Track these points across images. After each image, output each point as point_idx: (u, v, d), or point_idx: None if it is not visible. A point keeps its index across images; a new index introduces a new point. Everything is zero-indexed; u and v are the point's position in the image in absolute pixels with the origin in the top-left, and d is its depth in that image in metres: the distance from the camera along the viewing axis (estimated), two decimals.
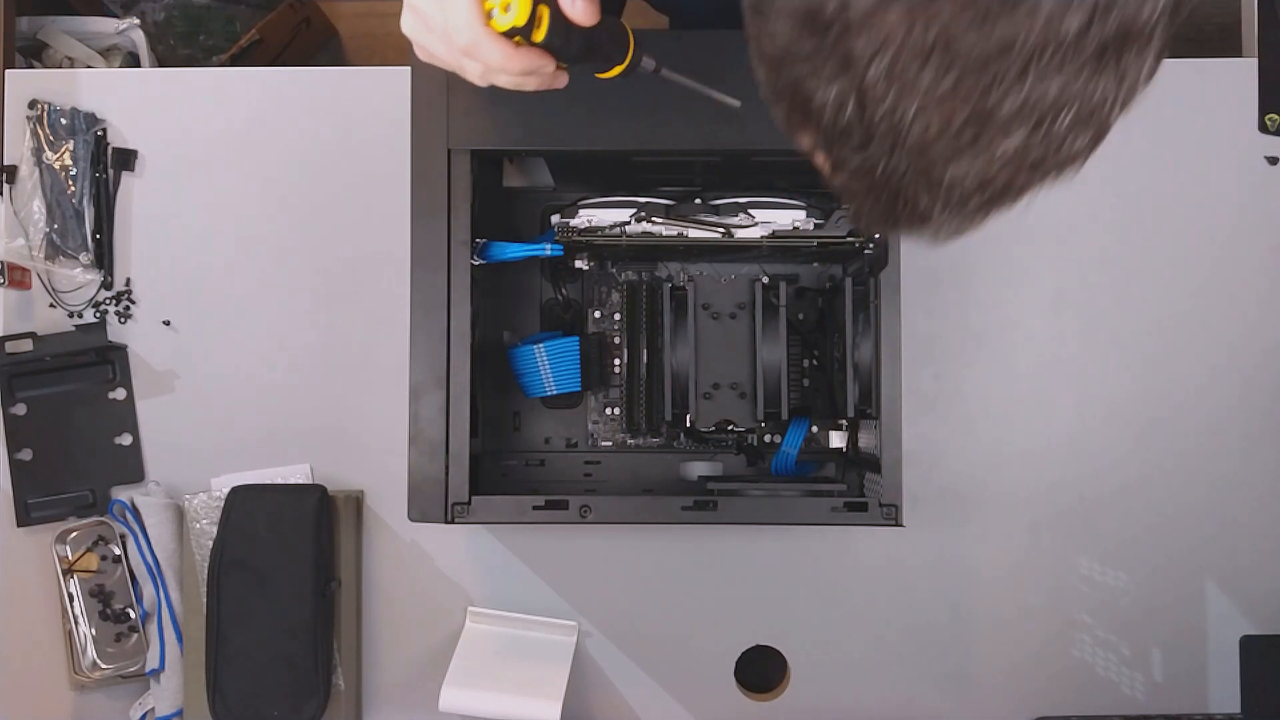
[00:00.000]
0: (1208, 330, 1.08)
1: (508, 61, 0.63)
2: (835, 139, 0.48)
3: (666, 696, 1.07)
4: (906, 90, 0.44)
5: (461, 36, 0.61)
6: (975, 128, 0.44)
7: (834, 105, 0.46)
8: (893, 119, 0.45)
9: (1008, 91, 0.43)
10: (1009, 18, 0.41)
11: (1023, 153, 0.45)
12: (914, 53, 0.43)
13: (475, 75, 0.65)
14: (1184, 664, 1.07)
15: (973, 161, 0.46)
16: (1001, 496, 1.07)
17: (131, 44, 1.55)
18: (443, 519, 0.88)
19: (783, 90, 0.49)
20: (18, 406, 1.06)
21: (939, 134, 0.45)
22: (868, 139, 0.46)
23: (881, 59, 0.43)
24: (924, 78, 0.43)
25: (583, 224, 0.90)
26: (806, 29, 0.45)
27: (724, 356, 1.01)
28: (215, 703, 1.00)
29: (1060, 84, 0.43)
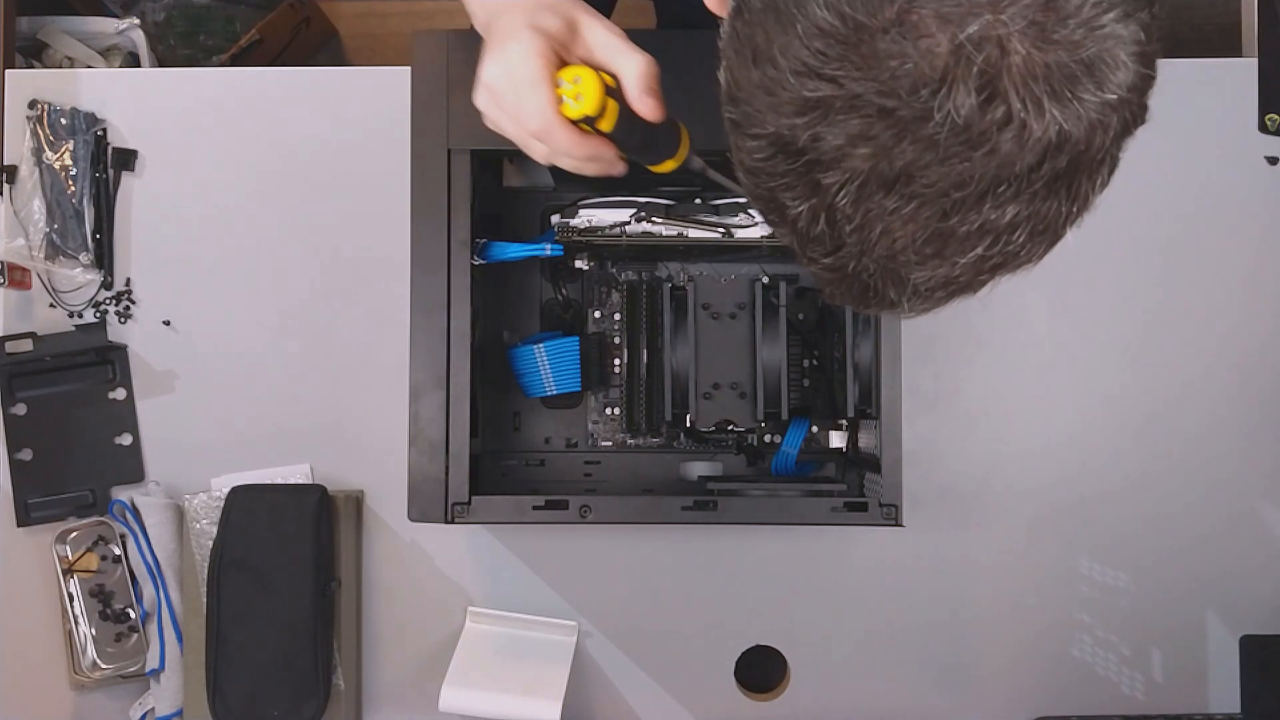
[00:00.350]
0: (1208, 330, 1.08)
1: (575, 148, 0.65)
2: (808, 242, 0.51)
3: (666, 696, 1.07)
4: (872, 214, 0.47)
5: (534, 122, 0.64)
6: (936, 244, 0.47)
7: (806, 218, 0.49)
8: (860, 235, 0.48)
9: (965, 216, 0.46)
10: (966, 158, 0.44)
11: (981, 261, 0.48)
12: (879, 183, 0.46)
13: (540, 155, 0.68)
14: (1184, 664, 1.07)
15: (935, 269, 0.49)
16: (1001, 496, 1.07)
17: (131, 44, 1.55)
18: (443, 519, 0.88)
19: (760, 196, 0.52)
20: (18, 406, 1.06)
21: (904, 249, 0.48)
22: (837, 247, 0.49)
23: (849, 188, 0.46)
24: (888, 204, 0.46)
25: (583, 224, 0.90)
26: (780, 154, 0.48)
27: (724, 356, 1.01)
28: (215, 703, 1.00)
29: (1015, 210, 0.46)
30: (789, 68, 0.45)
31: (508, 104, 0.65)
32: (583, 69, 0.64)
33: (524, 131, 0.66)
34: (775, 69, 0.46)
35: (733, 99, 0.50)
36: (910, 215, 0.46)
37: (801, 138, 0.46)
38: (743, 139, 0.50)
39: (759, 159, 0.49)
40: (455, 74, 0.88)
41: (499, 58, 0.65)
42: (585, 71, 0.64)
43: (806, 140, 0.46)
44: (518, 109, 0.65)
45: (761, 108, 0.48)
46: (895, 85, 0.43)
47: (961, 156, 0.44)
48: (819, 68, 0.44)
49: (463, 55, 0.88)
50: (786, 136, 0.47)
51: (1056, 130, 0.43)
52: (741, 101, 0.49)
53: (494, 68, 0.65)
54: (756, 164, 0.50)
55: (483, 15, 0.71)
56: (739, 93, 0.49)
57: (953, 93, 0.43)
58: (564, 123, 0.64)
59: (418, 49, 0.88)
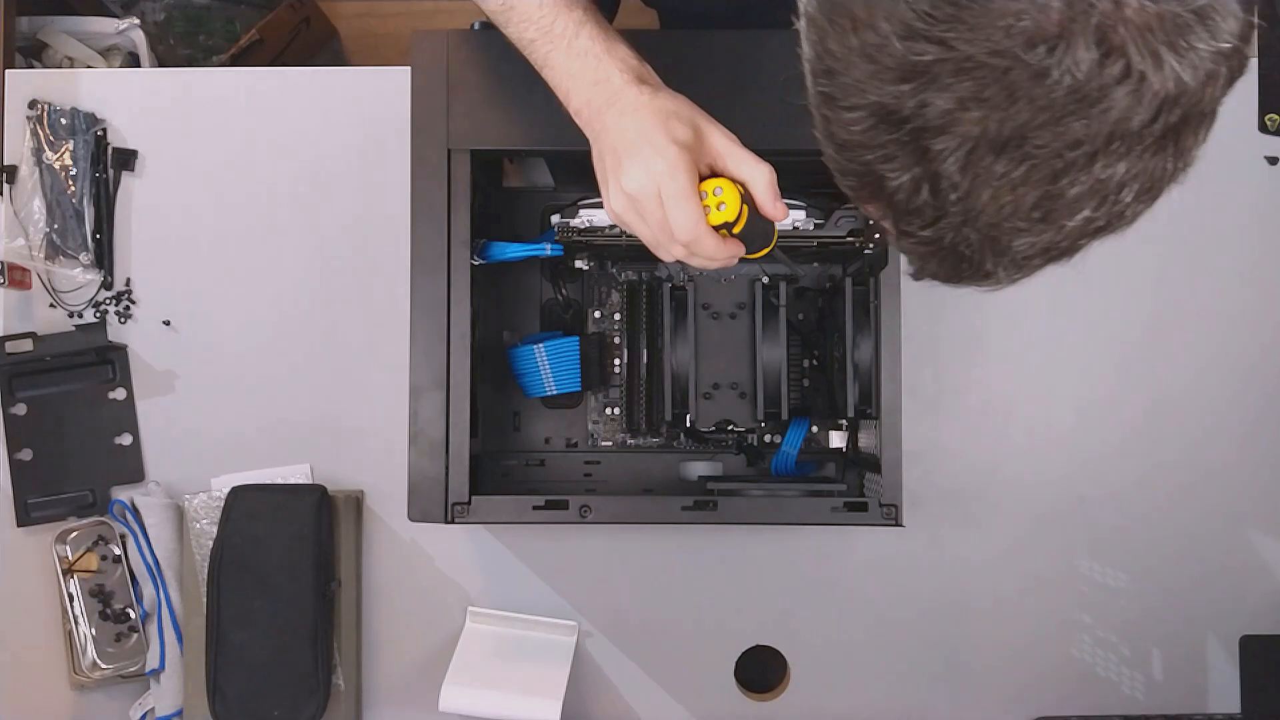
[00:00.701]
0: (1208, 330, 1.08)
1: (718, 251, 0.71)
2: (905, 214, 0.50)
3: (666, 696, 1.07)
4: (980, 178, 0.46)
5: (686, 234, 0.69)
6: (1044, 208, 0.47)
7: (908, 188, 0.48)
8: (966, 203, 0.47)
9: (1076, 177, 0.45)
10: (1083, 115, 0.43)
11: (1087, 223, 0.48)
12: (989, 147, 0.45)
13: (678, 256, 0.72)
14: (1184, 664, 1.07)
15: (1040, 235, 0.48)
16: (1001, 496, 1.07)
17: (131, 44, 1.55)
18: (443, 519, 0.88)
19: (853, 170, 0.51)
20: (18, 406, 1.06)
21: (1010, 215, 0.47)
22: (939, 217, 0.49)
23: (958, 153, 0.45)
24: (997, 168, 0.45)
25: (583, 224, 0.90)
26: (882, 124, 0.47)
27: (724, 356, 1.01)
28: (215, 703, 1.00)
29: (1125, 167, 0.45)
30: (893, 31, 0.44)
31: (654, 215, 0.69)
32: (723, 181, 0.70)
33: (669, 238, 0.70)
34: (877, 34, 0.45)
35: (827, 71, 0.48)
36: (1020, 179, 0.45)
37: (907, 105, 0.45)
38: (837, 112, 0.49)
39: (857, 131, 0.48)
40: (455, 74, 0.88)
41: (642, 169, 0.68)
42: (725, 184, 0.69)
43: (913, 107, 0.45)
44: (667, 221, 0.69)
45: (861, 76, 0.46)
46: (1009, 44, 0.42)
47: (1078, 114, 0.43)
48: (926, 30, 0.43)
49: (463, 55, 0.88)
50: (890, 105, 0.46)
51: (1174, 82, 0.42)
52: (837, 73, 0.48)
53: (639, 178, 0.68)
54: (854, 136, 0.49)
55: (586, 109, 0.72)
56: (835, 63, 0.48)
57: (1071, 49, 0.42)
58: (710, 230, 0.70)
59: (418, 49, 0.88)
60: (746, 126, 0.84)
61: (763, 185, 0.71)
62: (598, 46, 0.72)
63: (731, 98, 0.87)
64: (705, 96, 0.80)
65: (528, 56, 0.75)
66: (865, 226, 0.88)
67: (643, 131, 0.69)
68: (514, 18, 0.74)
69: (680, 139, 0.69)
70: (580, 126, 0.74)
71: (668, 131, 0.69)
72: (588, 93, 0.72)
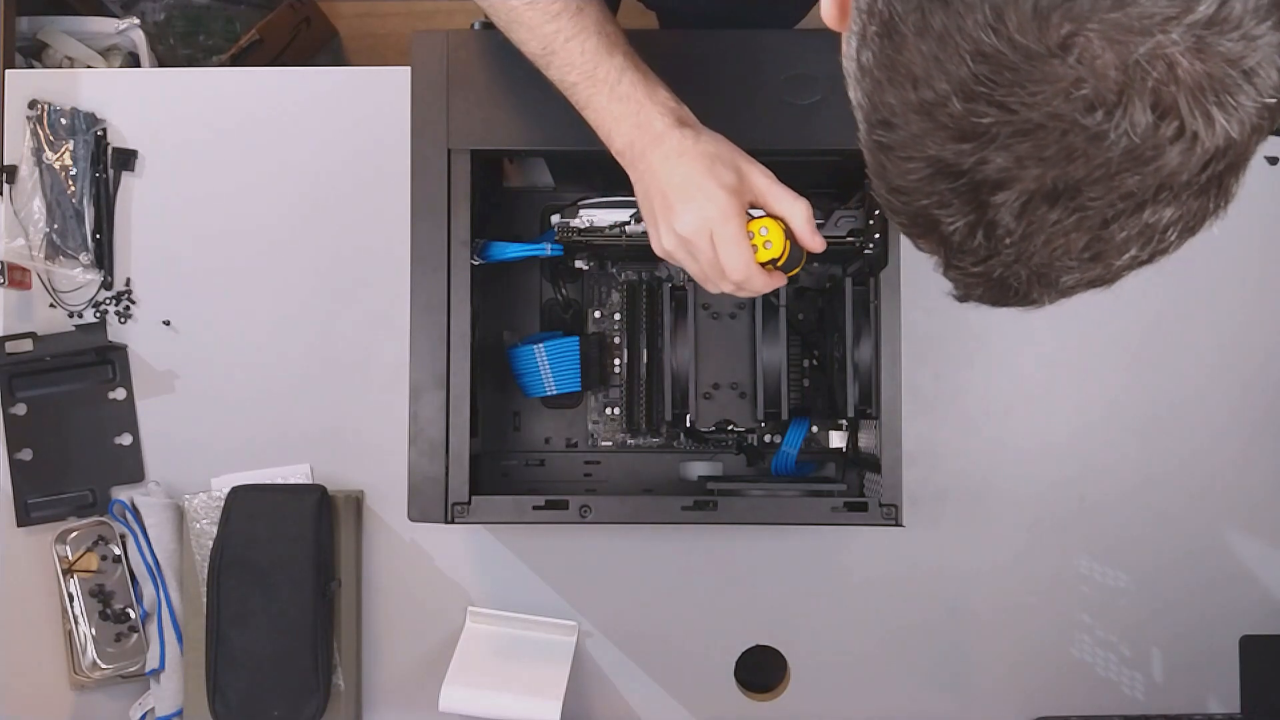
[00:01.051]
0: (1208, 330, 1.08)
1: (765, 286, 0.77)
2: (957, 252, 0.51)
3: (666, 696, 1.07)
4: (1034, 226, 0.48)
5: (738, 274, 0.75)
6: (1094, 250, 0.49)
7: (962, 232, 0.50)
8: (1019, 246, 0.49)
9: (1125, 223, 0.47)
10: (1136, 173, 0.45)
11: (1132, 260, 0.49)
12: (1044, 199, 0.47)
13: (728, 290, 0.78)
14: (1184, 664, 1.07)
15: (1087, 272, 0.50)
16: (1001, 496, 1.07)
17: (131, 44, 1.55)
18: (443, 519, 0.88)
19: (907, 211, 0.52)
20: (18, 406, 1.06)
21: (1061, 256, 0.49)
22: (991, 255, 0.50)
23: (1014, 204, 0.47)
24: (1051, 216, 0.47)
25: (583, 224, 0.90)
26: (940, 175, 0.48)
27: (724, 356, 1.01)
28: (215, 703, 1.00)
29: (1171, 211, 0.47)
30: (952, 92, 0.45)
31: (706, 255, 0.75)
32: (768, 221, 0.76)
33: (719, 276, 0.76)
34: (935, 93, 0.46)
35: (883, 123, 0.50)
36: (1073, 225, 0.47)
37: (966, 161, 0.47)
38: (894, 161, 0.50)
39: (913, 179, 0.49)
40: (455, 74, 0.88)
41: (695, 213, 0.73)
42: (770, 224, 0.75)
43: (972, 164, 0.46)
44: (719, 261, 0.74)
45: (919, 131, 0.48)
46: (1068, 109, 0.44)
47: (1132, 171, 0.45)
48: (987, 93, 0.44)
49: (463, 55, 0.88)
50: (948, 160, 0.47)
51: (1224, 138, 0.44)
52: (894, 125, 0.49)
53: (692, 222, 0.74)
54: (909, 183, 0.50)
55: (629, 151, 0.76)
56: (892, 117, 0.49)
57: (1128, 112, 0.43)
58: (759, 269, 0.76)
59: (418, 49, 0.88)
60: (746, 126, 0.84)
61: (801, 221, 0.76)
62: (639, 92, 0.75)
63: (731, 98, 0.87)
64: (705, 96, 0.80)
65: (568, 97, 0.78)
66: (865, 226, 0.88)
67: (691, 177, 0.74)
68: (556, 61, 0.76)
69: (727, 184, 0.74)
70: (623, 165, 0.77)
71: (715, 177, 0.74)
72: (630, 135, 0.76)
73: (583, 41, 0.75)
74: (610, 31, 0.76)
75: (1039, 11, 0.42)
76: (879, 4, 0.48)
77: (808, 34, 0.95)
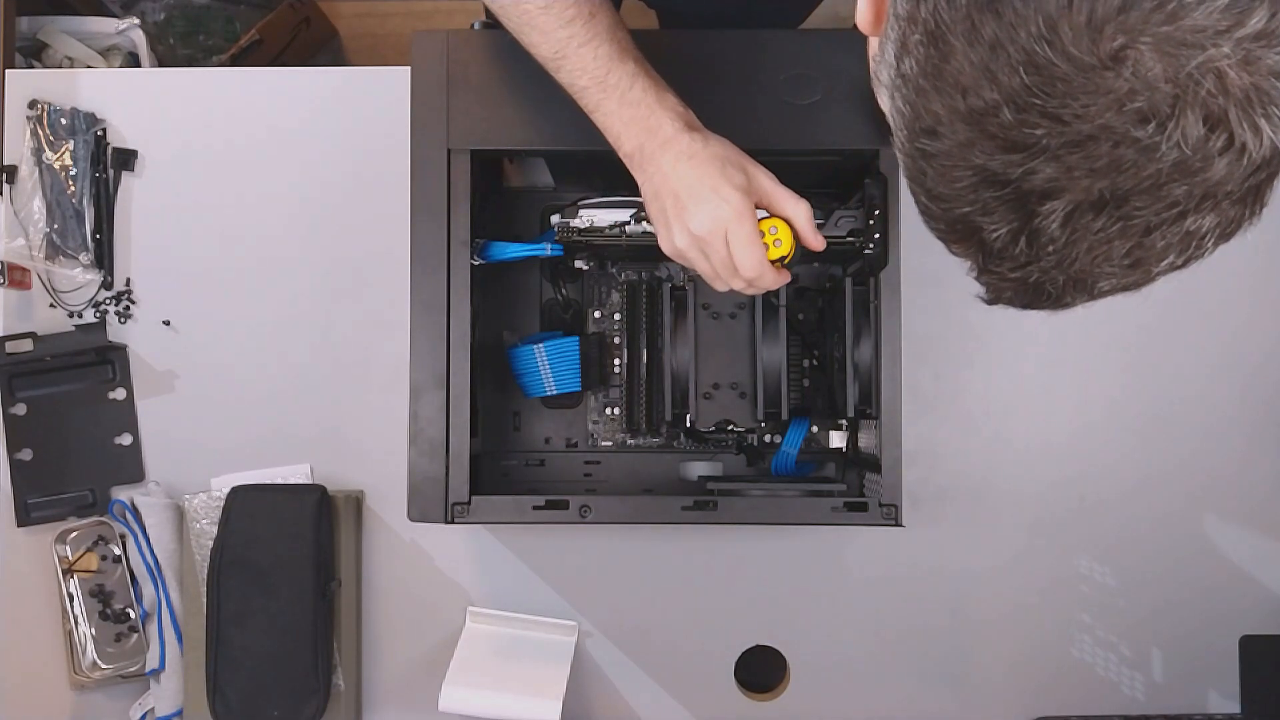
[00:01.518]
0: (1207, 330, 1.08)
1: (775, 282, 0.79)
2: (995, 258, 0.51)
3: (666, 696, 1.07)
4: (1077, 234, 0.48)
5: (751, 271, 0.77)
6: (1134, 257, 0.49)
7: (1004, 239, 0.50)
8: (1061, 253, 0.49)
9: (1166, 231, 0.48)
10: (1184, 184, 0.45)
11: (1169, 267, 0.51)
12: (1090, 208, 0.47)
13: (739, 287, 0.79)
14: (1184, 664, 1.07)
15: (1125, 278, 0.51)
16: (1002, 496, 1.07)
17: (131, 44, 1.55)
18: (443, 519, 0.88)
19: (946, 218, 0.52)
20: (18, 406, 1.06)
21: (1101, 263, 0.49)
22: (1031, 261, 0.50)
23: (1060, 213, 0.47)
24: (1095, 225, 0.47)
25: (583, 224, 0.90)
26: (985, 184, 0.48)
27: (724, 356, 1.01)
28: (215, 703, 1.00)
29: (1211, 219, 0.48)
30: (1002, 101, 0.45)
31: (719, 254, 0.76)
32: (776, 220, 0.78)
33: (731, 274, 0.78)
34: (984, 102, 0.46)
35: (928, 131, 0.49)
36: (1116, 234, 0.48)
37: (1015, 172, 0.47)
38: (937, 168, 0.50)
39: (957, 187, 0.49)
40: (455, 74, 0.88)
41: (709, 213, 0.75)
42: (779, 223, 0.78)
43: (1020, 174, 0.47)
44: (731, 259, 0.76)
45: (965, 140, 0.48)
46: (1121, 121, 0.44)
47: (1181, 181, 0.45)
48: (1040, 104, 0.44)
49: (463, 55, 0.88)
50: (996, 169, 0.47)
51: (1270, 149, 0.45)
52: (940, 134, 0.49)
53: (706, 222, 0.75)
54: (952, 191, 0.50)
55: (638, 154, 0.77)
56: (937, 125, 0.49)
57: (1180, 124, 0.43)
58: (770, 267, 0.78)
59: (418, 49, 0.88)
60: (747, 126, 0.84)
61: (804, 220, 0.78)
62: (650, 97, 0.76)
63: (732, 98, 0.87)
64: (705, 96, 0.80)
65: (578, 101, 0.78)
66: (865, 226, 0.88)
67: (704, 178, 0.75)
68: (567, 66, 0.77)
69: (739, 185, 0.76)
70: (630, 168, 0.78)
71: (727, 178, 0.75)
72: (640, 138, 0.77)
73: (595, 47, 0.76)
74: (621, 38, 0.77)
75: (1092, 24, 0.42)
76: (922, 12, 0.48)
77: (808, 34, 0.95)
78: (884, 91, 0.53)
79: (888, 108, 0.53)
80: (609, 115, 0.77)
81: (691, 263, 0.78)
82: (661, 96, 0.77)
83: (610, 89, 0.76)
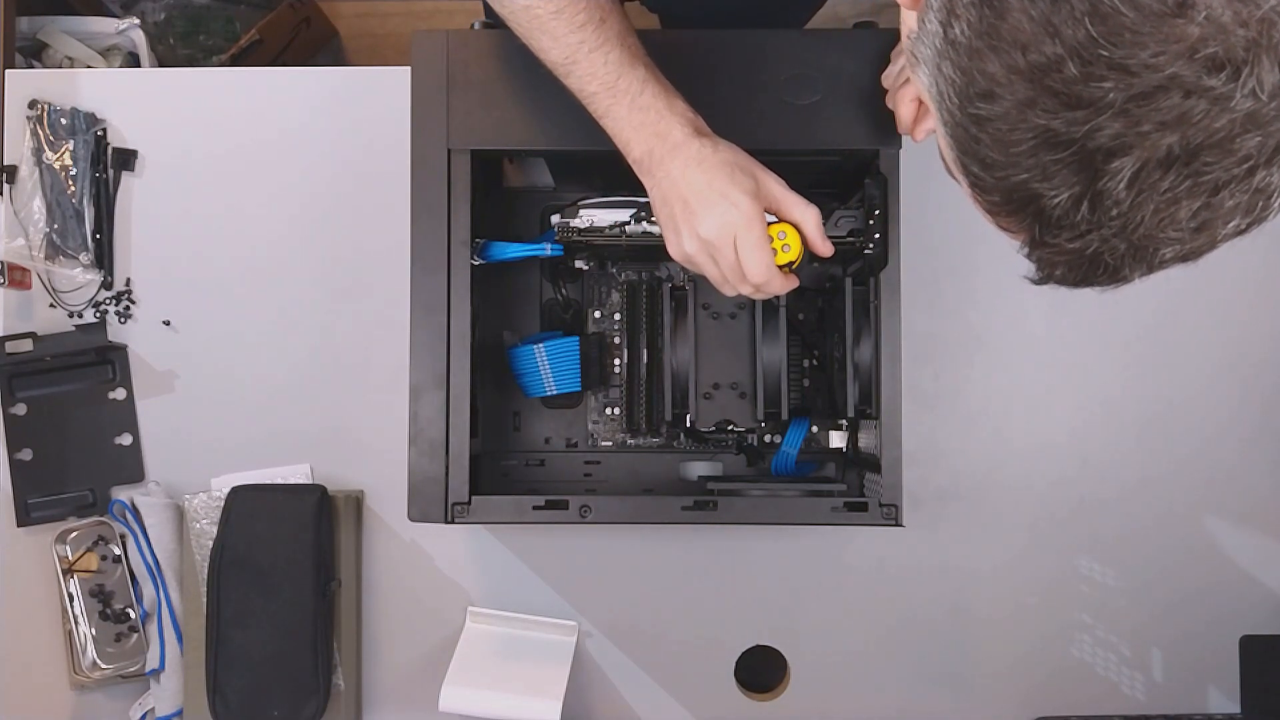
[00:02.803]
0: (1207, 330, 1.08)
1: (783, 287, 0.79)
2: (1053, 227, 0.49)
3: (666, 696, 1.07)
4: (1143, 195, 0.46)
5: (760, 276, 0.77)
6: (1201, 219, 0.47)
7: (1065, 205, 0.48)
8: (1125, 217, 0.47)
9: (1235, 189, 0.46)
10: (1256, 135, 0.44)
11: (1234, 230, 0.48)
12: (1159, 165, 0.45)
13: (746, 292, 0.79)
14: (1184, 664, 1.07)
15: (1189, 244, 0.49)
16: (1002, 496, 1.07)
17: (131, 44, 1.55)
18: (443, 519, 0.88)
19: (1000, 188, 0.50)
20: (18, 406, 1.06)
21: (1168, 226, 0.47)
22: (1092, 229, 0.48)
23: (1127, 173, 0.45)
24: (1163, 184, 0.45)
25: (583, 224, 0.90)
26: (1046, 146, 0.46)
27: (724, 356, 1.01)
28: (215, 703, 1.01)
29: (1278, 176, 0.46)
30: (1066, 55, 0.43)
31: (728, 259, 0.76)
32: (785, 226, 0.78)
33: (739, 279, 0.77)
34: (1046, 57, 0.44)
35: (984, 94, 0.48)
36: (1185, 193, 0.46)
37: (1079, 130, 0.45)
38: (993, 133, 0.48)
39: (1015, 152, 0.48)
40: (455, 74, 0.88)
41: (718, 218, 0.75)
42: (788, 228, 0.78)
43: (1085, 131, 0.45)
44: (740, 264, 0.76)
45: (1024, 99, 0.46)
46: (1191, 70, 0.42)
47: (1254, 132, 0.44)
48: (1107, 55, 0.43)
49: (463, 55, 0.88)
50: (1058, 129, 0.45)
51: None
52: (998, 96, 0.47)
53: (715, 227, 0.75)
54: (1008, 157, 0.48)
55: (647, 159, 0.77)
56: (994, 87, 0.47)
57: (1255, 71, 0.42)
58: (779, 272, 0.78)
59: (418, 49, 0.88)
60: (747, 126, 0.84)
61: (813, 226, 0.79)
62: (659, 103, 0.76)
63: (732, 98, 0.87)
64: (705, 97, 0.80)
65: (586, 106, 0.78)
66: (865, 226, 0.88)
67: (714, 183, 0.75)
68: (578, 71, 0.77)
69: (749, 190, 0.75)
70: (639, 174, 0.78)
71: (737, 184, 0.75)
72: (649, 143, 0.76)
73: (606, 53, 0.75)
74: (632, 44, 0.77)
75: None
76: None
77: (808, 34, 0.95)
78: (924, 68, 0.51)
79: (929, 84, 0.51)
80: (618, 121, 0.77)
81: (700, 268, 0.78)
82: (671, 102, 0.77)
83: (620, 94, 0.76)
